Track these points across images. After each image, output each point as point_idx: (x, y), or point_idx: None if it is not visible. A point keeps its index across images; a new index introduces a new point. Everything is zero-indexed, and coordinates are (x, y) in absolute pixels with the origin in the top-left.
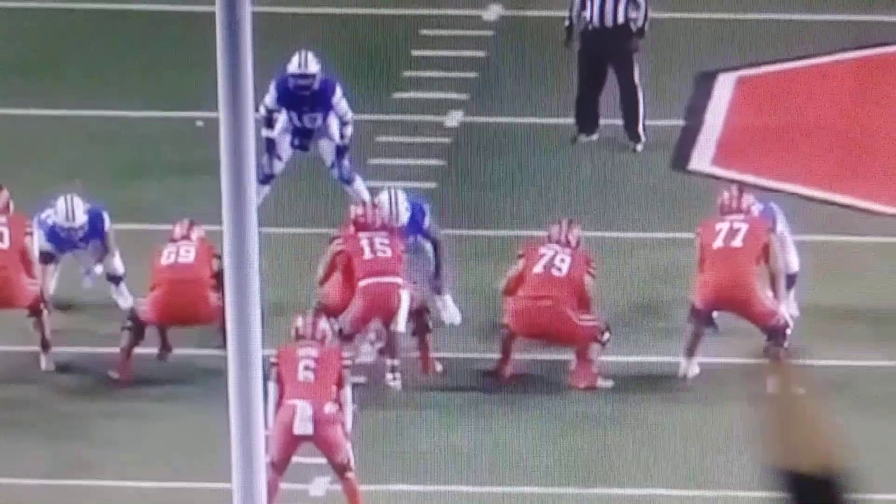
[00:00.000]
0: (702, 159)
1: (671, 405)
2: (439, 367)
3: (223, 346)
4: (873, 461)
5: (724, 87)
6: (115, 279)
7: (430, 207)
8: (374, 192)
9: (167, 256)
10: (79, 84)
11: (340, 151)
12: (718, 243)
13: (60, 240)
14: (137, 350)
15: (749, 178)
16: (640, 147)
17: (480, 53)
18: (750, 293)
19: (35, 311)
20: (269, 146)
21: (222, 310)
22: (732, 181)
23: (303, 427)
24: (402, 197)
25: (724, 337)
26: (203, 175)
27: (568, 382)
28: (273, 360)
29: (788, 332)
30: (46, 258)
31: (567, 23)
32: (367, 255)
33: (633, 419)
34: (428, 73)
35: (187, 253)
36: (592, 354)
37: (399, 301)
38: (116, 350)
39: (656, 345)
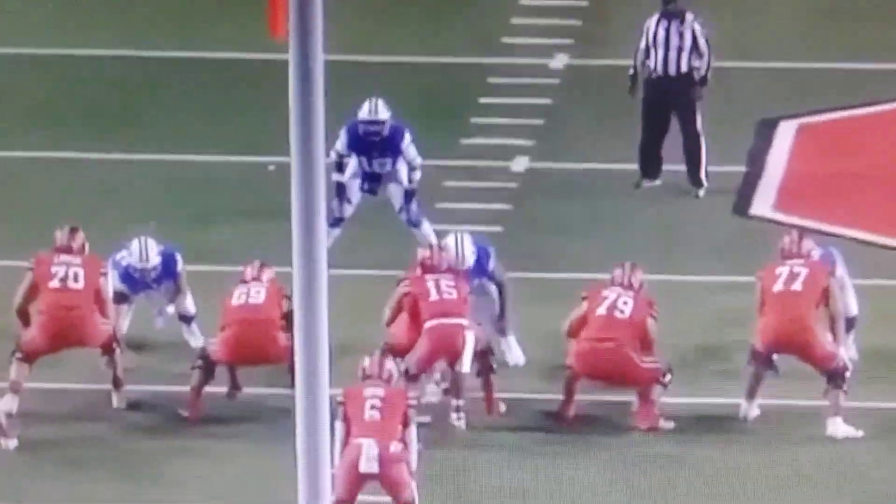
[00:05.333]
0: (763, 204)
1: (732, 447)
2: (503, 408)
3: (291, 385)
4: None
5: (784, 135)
6: (186, 319)
7: (496, 250)
8: (440, 235)
9: (238, 297)
10: (155, 130)
11: (408, 195)
12: (779, 287)
13: (134, 280)
14: (207, 389)
15: (809, 223)
16: (702, 192)
17: (546, 101)
18: (810, 336)
19: (108, 350)
20: (340, 190)
21: (291, 349)
22: (793, 226)
23: (368, 465)
24: (468, 240)
25: (784, 379)
26: (274, 218)
27: (630, 423)
28: (340, 399)
29: (848, 374)
30: (120, 298)
31: (631, 71)
32: (434, 296)
33: (694, 460)
34: (495, 120)
35: (258, 294)
36: (655, 396)
37: (464, 342)
38: (187, 389)
39: (717, 387)
